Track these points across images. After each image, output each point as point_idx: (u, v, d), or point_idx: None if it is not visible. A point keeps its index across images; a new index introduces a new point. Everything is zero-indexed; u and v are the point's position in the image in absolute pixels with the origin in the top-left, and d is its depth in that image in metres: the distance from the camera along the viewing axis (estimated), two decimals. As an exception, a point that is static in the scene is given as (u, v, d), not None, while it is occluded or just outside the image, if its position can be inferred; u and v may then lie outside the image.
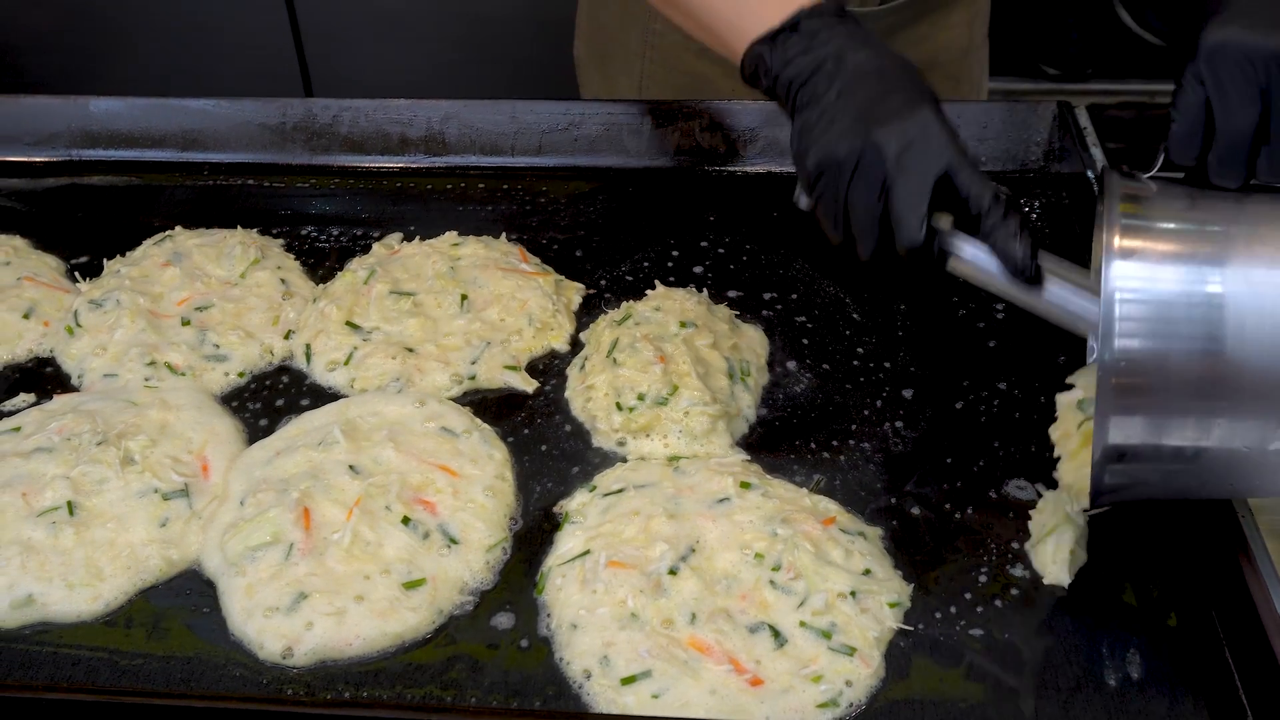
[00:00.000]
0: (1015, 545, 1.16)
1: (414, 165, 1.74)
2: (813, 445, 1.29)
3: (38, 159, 1.78)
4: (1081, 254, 1.50)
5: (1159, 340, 0.93)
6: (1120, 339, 0.93)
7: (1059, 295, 1.04)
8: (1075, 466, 1.11)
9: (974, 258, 1.06)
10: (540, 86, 2.19)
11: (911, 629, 1.09)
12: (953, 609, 1.11)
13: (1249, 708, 1.00)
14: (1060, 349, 1.39)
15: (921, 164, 1.05)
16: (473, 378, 1.37)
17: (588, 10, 1.97)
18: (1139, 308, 0.94)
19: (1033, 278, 1.04)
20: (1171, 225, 0.97)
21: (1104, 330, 0.93)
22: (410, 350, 1.39)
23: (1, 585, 1.13)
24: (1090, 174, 1.56)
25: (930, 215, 1.04)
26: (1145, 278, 0.94)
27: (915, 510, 1.21)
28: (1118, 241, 0.95)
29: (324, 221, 1.65)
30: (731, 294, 1.48)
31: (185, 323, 1.43)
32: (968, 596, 1.12)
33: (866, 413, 1.32)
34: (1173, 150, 1.01)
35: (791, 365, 1.39)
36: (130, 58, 3.46)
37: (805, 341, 1.42)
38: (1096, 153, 1.59)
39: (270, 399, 1.37)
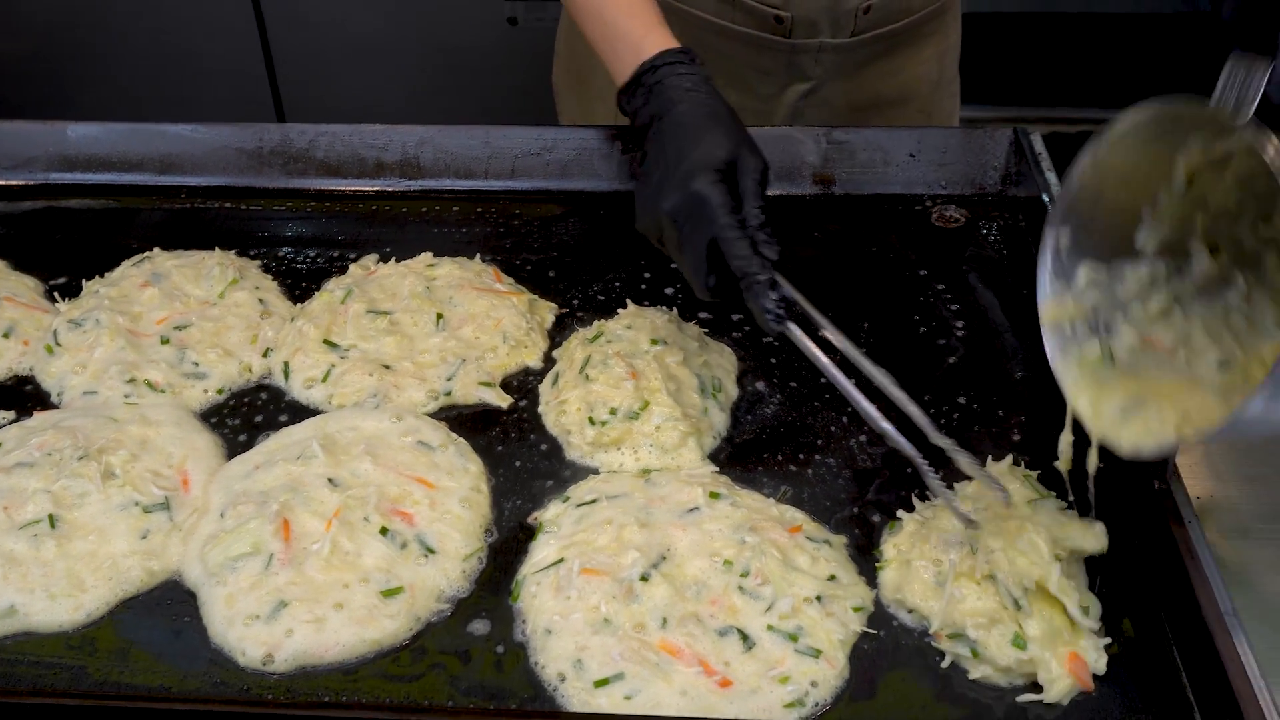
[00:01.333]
0: (974, 552, 1.20)
1: (389, 189, 1.78)
2: (780, 458, 1.33)
3: (15, 182, 1.80)
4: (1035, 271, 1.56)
5: None
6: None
7: (797, 340, 1.23)
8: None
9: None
10: (511, 115, 2.23)
11: (875, 632, 1.13)
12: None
13: (1197, 708, 1.05)
14: (1017, 367, 1.44)
15: (695, 236, 1.24)
16: (448, 394, 1.40)
17: (566, 38, 2.02)
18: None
19: (771, 325, 1.22)
20: None
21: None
22: (387, 367, 1.42)
23: (-16, 596, 1.15)
24: (1045, 197, 1.62)
25: (710, 273, 1.24)
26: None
27: (877, 518, 1.25)
28: None
29: (301, 243, 1.68)
30: (702, 315, 1.52)
31: (164, 341, 1.45)
32: (929, 601, 1.15)
33: (832, 428, 1.36)
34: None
35: (760, 383, 1.43)
36: (103, 84, 3.48)
37: (773, 360, 1.46)
38: (1051, 177, 1.65)
39: (249, 415, 1.39)
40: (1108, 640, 1.09)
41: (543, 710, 1.06)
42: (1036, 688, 1.06)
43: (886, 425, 1.17)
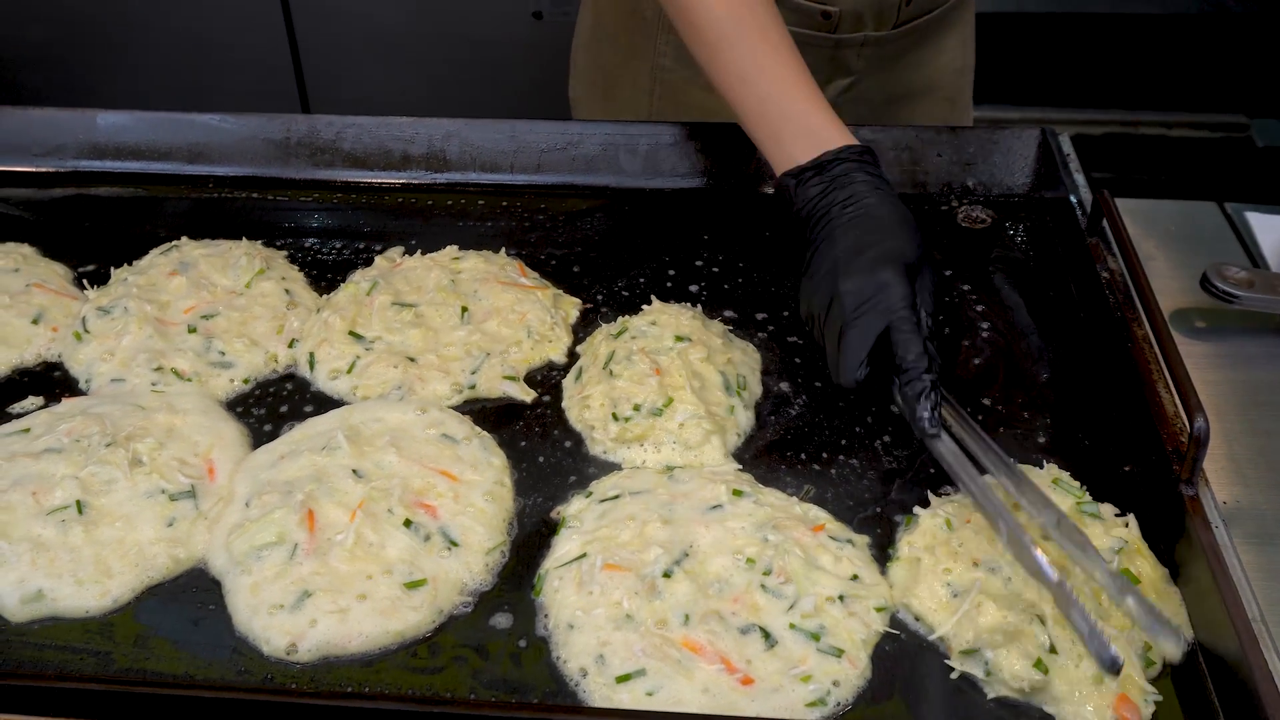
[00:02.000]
0: (998, 554, 1.20)
1: (415, 181, 1.78)
2: (803, 457, 1.32)
3: (45, 169, 1.81)
4: (1063, 275, 1.55)
5: None
6: None
7: (944, 453, 1.21)
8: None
9: (908, 399, 1.24)
10: (536, 109, 2.23)
11: (897, 632, 1.13)
12: (937, 614, 1.14)
13: (1222, 713, 1.05)
14: (1043, 369, 1.43)
15: (869, 320, 1.24)
16: (472, 387, 1.41)
17: (586, 52, 2.02)
18: None
19: (927, 433, 1.21)
20: None
21: None
22: (412, 360, 1.42)
23: (12, 580, 1.16)
24: (1073, 198, 1.61)
25: (869, 362, 1.24)
26: None
27: (900, 518, 1.24)
28: None
29: (327, 235, 1.69)
30: (726, 313, 1.52)
31: (191, 330, 1.46)
32: (952, 602, 1.15)
33: (856, 428, 1.36)
34: None
35: (783, 381, 1.43)
36: (128, 73, 3.50)
37: (797, 359, 1.46)
38: (1079, 178, 1.64)
39: (274, 405, 1.40)
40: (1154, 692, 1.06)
41: (564, 705, 1.06)
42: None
43: (1041, 559, 1.07)
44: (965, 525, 1.18)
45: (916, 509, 1.23)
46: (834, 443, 1.34)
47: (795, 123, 1.39)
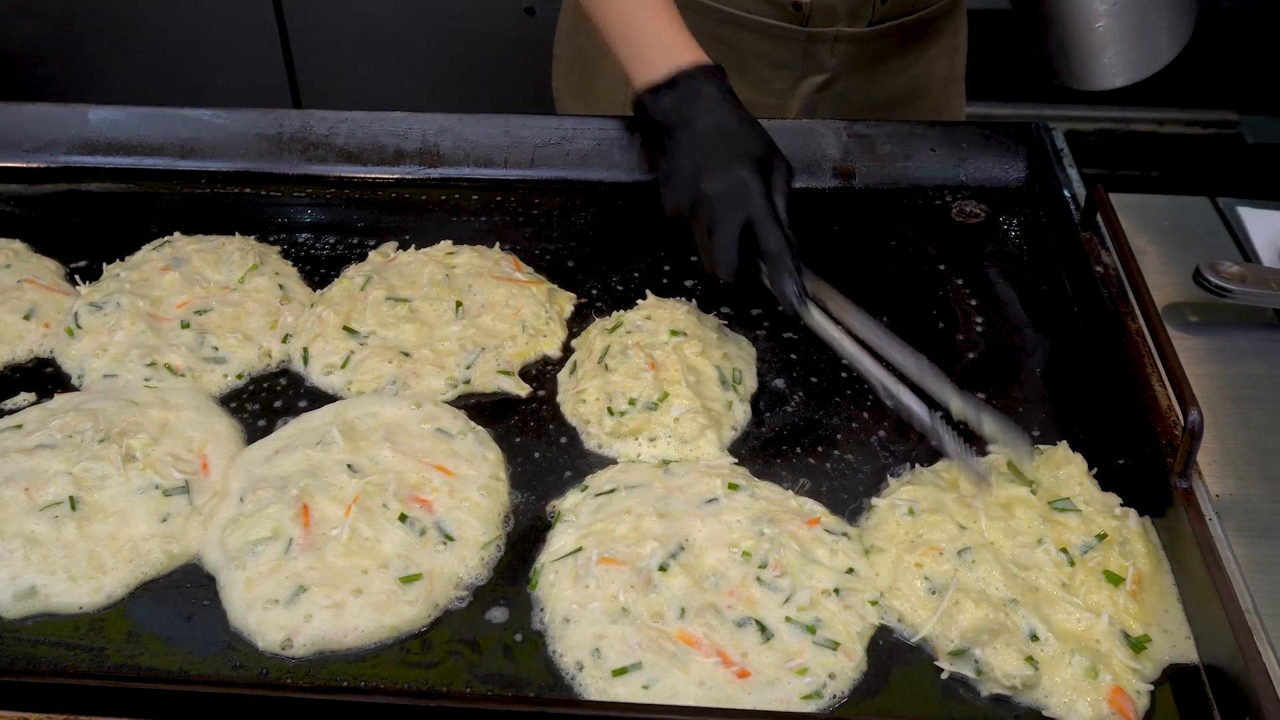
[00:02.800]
0: (993, 547, 1.20)
1: (409, 176, 1.78)
2: (799, 451, 1.32)
3: (36, 165, 1.80)
4: (1057, 269, 1.56)
5: None
6: None
7: (817, 325, 1.35)
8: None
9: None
10: (527, 104, 2.23)
11: (892, 624, 1.13)
12: (933, 607, 1.14)
13: (1216, 705, 1.05)
14: (1037, 362, 1.44)
15: (730, 214, 1.34)
16: (467, 382, 1.40)
17: (568, 43, 2.03)
18: None
19: (796, 308, 1.34)
20: None
21: None
22: (406, 355, 1.42)
23: (5, 577, 1.15)
24: (1066, 193, 1.62)
25: (742, 253, 1.33)
26: None
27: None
28: None
29: (320, 230, 1.69)
30: (722, 309, 1.52)
31: (185, 325, 1.46)
32: (947, 595, 1.15)
33: (852, 423, 1.36)
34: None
35: (779, 375, 1.43)
36: (121, 68, 3.49)
37: (793, 356, 1.46)
38: (1073, 173, 1.64)
39: (268, 400, 1.40)
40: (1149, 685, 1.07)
41: (560, 699, 1.06)
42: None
43: (900, 390, 1.26)
44: (925, 512, 1.18)
45: (874, 499, 1.23)
46: (829, 436, 1.34)
47: (653, 44, 1.48)
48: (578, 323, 1.51)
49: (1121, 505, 1.20)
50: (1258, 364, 1.43)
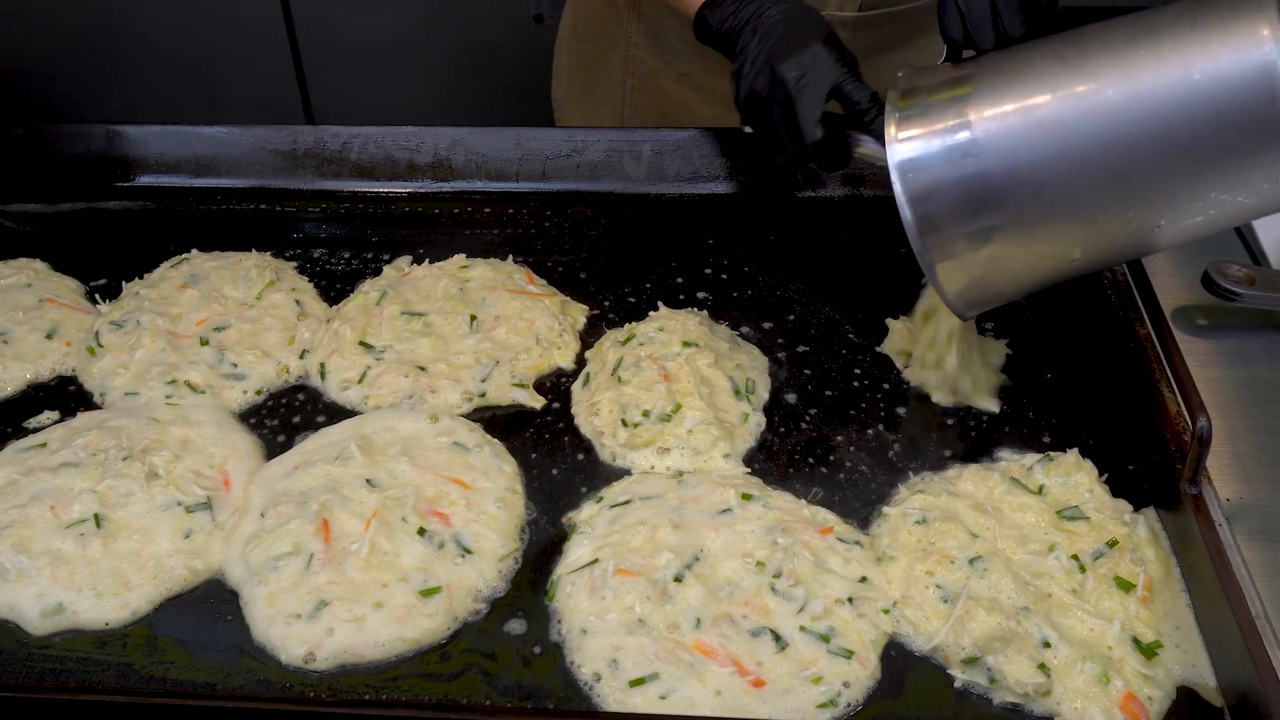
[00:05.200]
0: (1005, 554, 1.21)
1: (422, 190, 1.80)
2: (811, 460, 1.34)
3: (54, 184, 1.83)
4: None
5: (933, 190, 1.22)
6: (909, 206, 1.23)
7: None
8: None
9: (867, 144, 1.39)
10: (538, 115, 2.25)
11: (905, 633, 1.14)
12: (945, 614, 1.15)
13: (1228, 711, 1.06)
14: (1047, 369, 1.45)
15: (814, 84, 1.38)
16: (483, 395, 1.42)
17: (566, 50, 2.05)
18: (914, 175, 1.22)
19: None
20: (931, 99, 1.24)
21: (898, 201, 1.23)
22: (422, 369, 1.44)
23: (32, 594, 1.17)
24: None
25: (824, 120, 1.38)
26: (913, 151, 1.23)
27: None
28: (892, 132, 1.24)
29: (335, 245, 1.71)
30: (734, 316, 1.54)
31: (204, 342, 1.48)
32: (960, 602, 1.16)
33: (867, 431, 1.37)
34: (945, 31, 1.27)
35: (792, 384, 1.44)
36: (132, 85, 3.51)
37: (805, 364, 1.47)
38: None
39: (287, 416, 1.42)
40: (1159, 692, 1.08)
41: (579, 710, 1.08)
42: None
43: None
44: (937, 520, 1.20)
45: (886, 508, 1.25)
46: (842, 445, 1.35)
47: None
48: (591, 334, 1.53)
49: (1133, 512, 1.21)
50: (1267, 367, 1.43)
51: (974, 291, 1.27)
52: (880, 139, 1.29)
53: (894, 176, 1.23)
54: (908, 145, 1.22)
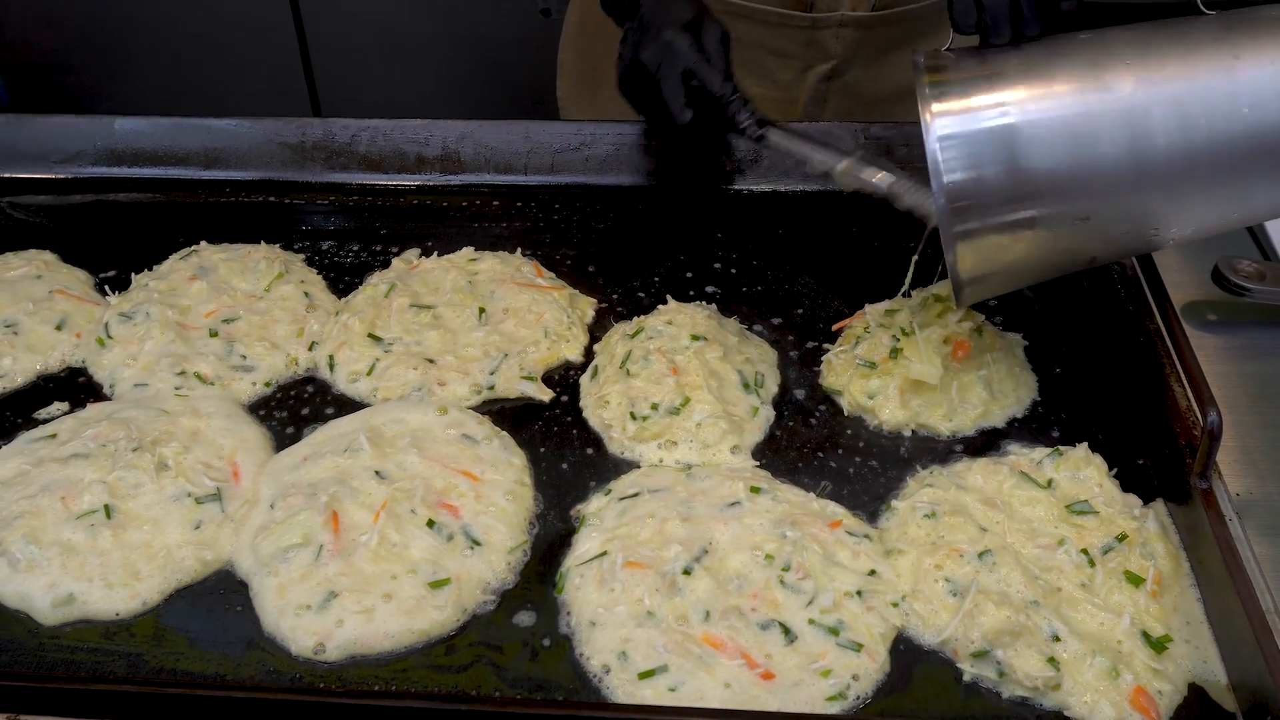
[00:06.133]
0: (1014, 548, 1.21)
1: (430, 183, 1.79)
2: (820, 454, 1.34)
3: (64, 176, 1.83)
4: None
5: (973, 169, 1.18)
6: (946, 175, 1.18)
7: (779, 143, 1.48)
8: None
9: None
10: (545, 108, 2.25)
11: (914, 626, 1.14)
12: (954, 608, 1.15)
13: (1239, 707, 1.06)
14: (1057, 363, 1.45)
15: (668, 69, 1.47)
16: (491, 387, 1.42)
17: (573, 48, 2.04)
18: (954, 150, 1.19)
19: (753, 135, 1.47)
20: (966, 80, 1.22)
21: (933, 172, 1.19)
22: (430, 361, 1.44)
23: (43, 584, 1.18)
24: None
25: (689, 103, 1.47)
26: (954, 126, 1.19)
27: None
28: (932, 107, 1.21)
29: (343, 237, 1.71)
30: (744, 310, 1.53)
31: (213, 334, 1.48)
32: (969, 596, 1.16)
33: (875, 426, 1.37)
34: (956, 22, 1.25)
35: (801, 378, 1.44)
36: (140, 78, 3.52)
37: (814, 358, 1.47)
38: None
39: (296, 408, 1.42)
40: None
41: (588, 702, 1.08)
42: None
43: (871, 172, 1.41)
44: (946, 514, 1.20)
45: (894, 501, 1.24)
46: (851, 438, 1.35)
47: None
48: (599, 327, 1.53)
49: (1143, 506, 1.21)
50: (1277, 363, 1.43)
51: (985, 274, 1.25)
52: (737, 128, 1.45)
53: (934, 149, 1.20)
54: (946, 121, 1.20)
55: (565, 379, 1.46)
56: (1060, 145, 1.17)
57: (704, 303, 1.52)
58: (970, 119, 1.19)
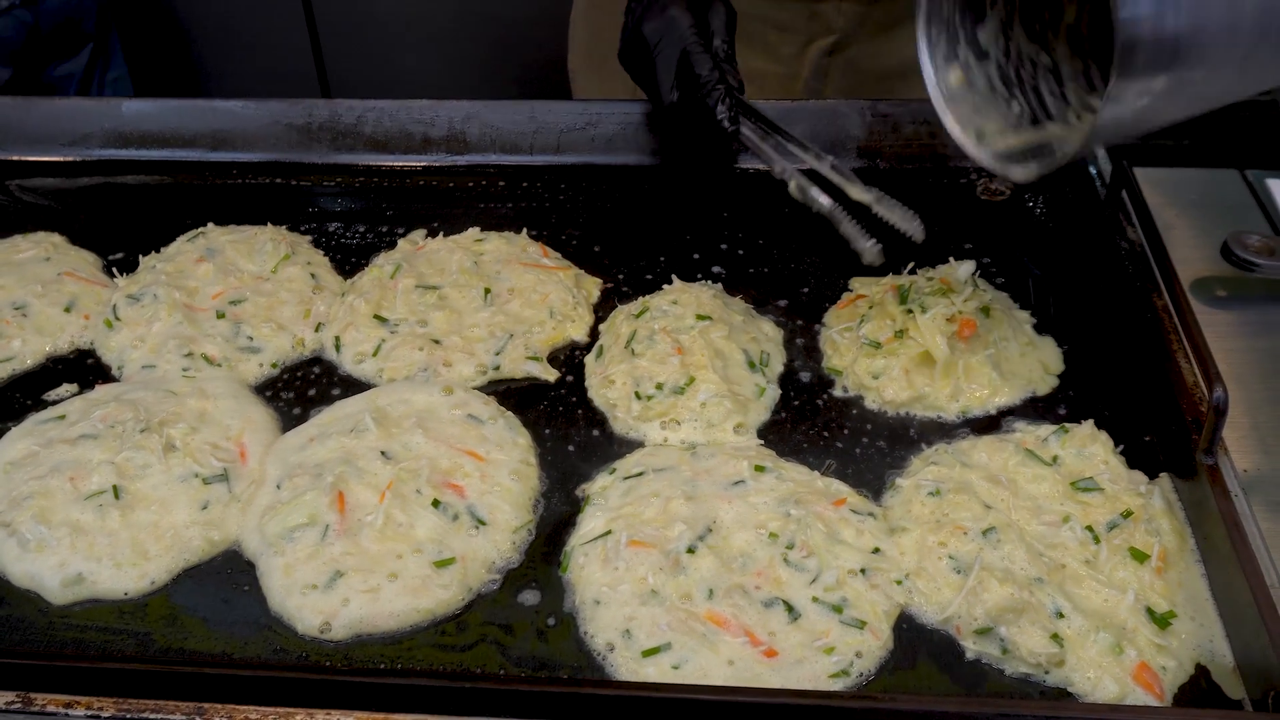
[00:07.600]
0: (1019, 525, 1.21)
1: (436, 164, 1.80)
2: (825, 433, 1.34)
3: (72, 158, 1.83)
4: (1082, 245, 1.55)
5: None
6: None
7: (748, 139, 1.53)
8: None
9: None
10: (552, 87, 2.24)
11: (918, 604, 1.14)
12: (959, 586, 1.15)
13: (1244, 682, 1.06)
14: (1064, 340, 1.44)
15: (668, 49, 1.48)
16: (497, 368, 1.43)
17: (584, 21, 2.04)
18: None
19: (726, 129, 1.48)
20: None
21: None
22: (436, 342, 1.44)
23: (53, 564, 1.19)
24: (1092, 169, 1.61)
25: (678, 84, 1.49)
26: None
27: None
28: None
29: (350, 219, 1.71)
30: (750, 291, 1.53)
31: (220, 316, 1.48)
32: (973, 574, 1.16)
33: (879, 405, 1.37)
34: None
35: (807, 357, 1.44)
36: (150, 59, 3.52)
37: (819, 336, 1.47)
38: (1099, 148, 1.64)
39: (302, 389, 1.42)
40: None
41: (592, 679, 1.08)
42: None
43: (815, 194, 1.48)
44: (950, 492, 1.20)
45: (899, 479, 1.24)
46: (855, 417, 1.35)
47: None
48: (604, 308, 1.53)
49: (1148, 482, 1.21)
50: (1287, 339, 1.42)
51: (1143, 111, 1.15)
52: (709, 111, 1.44)
53: None
54: None
55: (570, 359, 1.46)
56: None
57: (709, 282, 1.52)
58: None
